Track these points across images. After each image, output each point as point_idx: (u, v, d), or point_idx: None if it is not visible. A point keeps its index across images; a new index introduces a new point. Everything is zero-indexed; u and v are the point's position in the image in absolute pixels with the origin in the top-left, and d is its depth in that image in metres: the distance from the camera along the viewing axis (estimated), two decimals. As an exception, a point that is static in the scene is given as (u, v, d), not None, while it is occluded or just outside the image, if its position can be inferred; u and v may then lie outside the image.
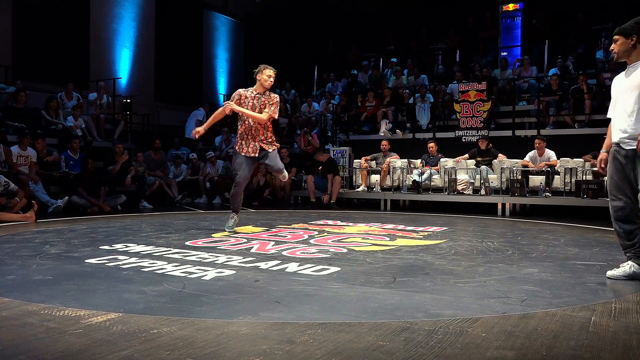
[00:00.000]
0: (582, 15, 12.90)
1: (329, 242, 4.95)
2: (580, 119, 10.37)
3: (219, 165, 10.85)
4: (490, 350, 2.02)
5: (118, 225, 6.36)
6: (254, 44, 17.45)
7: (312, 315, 2.48)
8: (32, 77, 11.32)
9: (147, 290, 2.95)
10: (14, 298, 2.76)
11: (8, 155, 7.82)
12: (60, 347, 2.04)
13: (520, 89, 11.76)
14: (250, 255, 4.12)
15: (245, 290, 2.98)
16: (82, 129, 10.28)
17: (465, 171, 9.47)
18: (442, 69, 13.30)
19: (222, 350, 2.00)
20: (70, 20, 12.55)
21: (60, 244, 4.70)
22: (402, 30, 15.25)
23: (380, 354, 1.98)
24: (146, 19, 14.38)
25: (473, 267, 3.77)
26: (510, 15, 14.37)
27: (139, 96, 13.17)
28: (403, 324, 2.34)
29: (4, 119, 9.15)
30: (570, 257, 4.20)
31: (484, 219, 7.56)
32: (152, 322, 2.35)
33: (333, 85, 14.10)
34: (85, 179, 8.41)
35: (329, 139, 12.39)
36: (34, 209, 6.72)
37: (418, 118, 11.68)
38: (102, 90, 11.37)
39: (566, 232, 6.09)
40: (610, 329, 2.31)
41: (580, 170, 8.69)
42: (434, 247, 4.71)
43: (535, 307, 2.65)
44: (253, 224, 6.48)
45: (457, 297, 2.87)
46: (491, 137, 10.29)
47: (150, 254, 4.13)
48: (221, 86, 16.87)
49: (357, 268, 3.67)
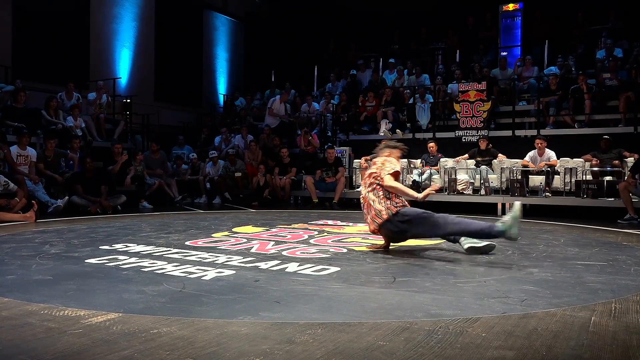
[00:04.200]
0: (581, 15, 12.90)
1: (329, 242, 4.95)
2: (580, 119, 10.37)
3: (220, 165, 10.85)
4: (490, 350, 2.02)
5: (118, 225, 6.36)
6: (254, 44, 17.45)
7: (312, 315, 2.48)
8: (32, 77, 11.32)
9: (147, 290, 2.95)
10: (14, 298, 2.76)
11: (8, 155, 7.83)
12: (60, 347, 2.04)
13: (521, 89, 11.75)
14: (250, 255, 4.12)
15: (245, 290, 2.98)
16: (82, 129, 10.28)
17: (465, 171, 9.47)
18: (442, 68, 13.30)
19: (222, 350, 2.00)
20: (70, 20, 12.55)
21: (60, 244, 4.70)
22: (402, 30, 15.26)
23: (380, 354, 1.98)
24: (146, 19, 14.38)
25: (473, 267, 3.77)
26: (510, 15, 14.37)
27: (139, 96, 13.16)
28: (403, 324, 2.34)
29: (3, 118, 9.16)
30: (570, 257, 4.20)
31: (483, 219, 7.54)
32: (152, 322, 2.35)
33: (333, 85, 14.10)
34: (85, 178, 8.41)
35: (329, 139, 12.39)
36: (34, 209, 6.72)
37: (418, 118, 11.68)
38: (101, 90, 11.37)
39: (566, 232, 6.09)
40: (610, 329, 2.31)
41: (580, 170, 8.69)
42: (434, 247, 4.71)
43: (535, 307, 2.65)
44: (253, 224, 6.48)
45: (457, 297, 2.87)
46: (491, 137, 10.29)
47: (150, 254, 4.13)
48: (221, 86, 16.87)
49: (357, 268, 3.67)
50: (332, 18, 16.32)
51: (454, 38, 14.29)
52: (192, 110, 15.46)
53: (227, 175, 10.57)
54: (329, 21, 16.31)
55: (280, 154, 10.85)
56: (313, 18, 16.50)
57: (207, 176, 10.77)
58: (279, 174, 10.49)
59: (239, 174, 10.54)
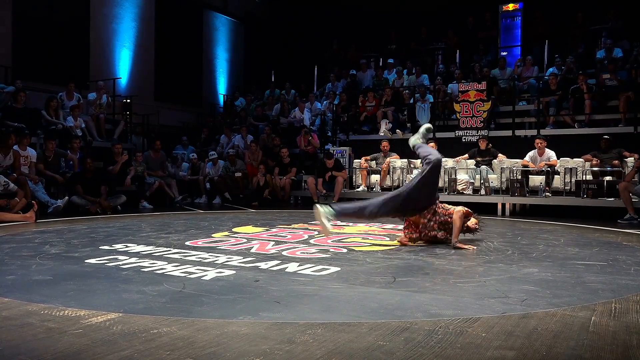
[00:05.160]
0: (581, 15, 12.90)
1: (329, 242, 4.95)
2: (580, 119, 10.37)
3: (220, 165, 10.86)
4: (490, 350, 2.02)
5: (118, 225, 6.36)
6: (254, 44, 17.45)
7: (312, 315, 2.48)
8: (32, 77, 11.32)
9: (147, 290, 2.95)
10: (14, 298, 2.76)
11: (17, 159, 7.82)
12: (60, 347, 2.04)
13: (521, 89, 11.76)
14: (250, 255, 4.12)
15: (245, 290, 2.98)
16: (82, 129, 10.28)
17: (465, 171, 9.47)
18: (442, 67, 13.31)
19: (222, 350, 2.00)
20: (70, 20, 12.55)
21: (60, 244, 4.70)
22: (402, 30, 15.26)
23: (380, 354, 1.98)
24: (146, 19, 14.38)
25: (473, 267, 3.77)
26: (510, 15, 14.38)
27: (139, 96, 13.16)
28: (403, 324, 2.34)
29: (3, 119, 9.16)
30: (570, 257, 4.20)
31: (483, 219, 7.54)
32: (152, 322, 2.35)
33: (333, 85, 14.10)
34: (85, 177, 8.42)
35: (329, 139, 12.39)
36: (34, 209, 6.73)
37: (418, 118, 11.67)
38: (101, 90, 11.37)
39: (566, 232, 6.09)
40: (610, 329, 2.31)
41: (580, 170, 8.69)
42: (434, 247, 4.71)
43: (535, 307, 2.65)
44: (253, 224, 6.48)
45: (457, 297, 2.87)
46: (491, 137, 10.29)
47: (150, 254, 4.13)
48: (221, 86, 16.87)
49: (357, 268, 3.67)
50: (332, 18, 16.32)
51: (453, 38, 14.29)
52: (192, 110, 15.47)
53: (227, 176, 10.57)
54: (329, 21, 16.31)
55: (280, 154, 10.85)
56: (313, 18, 16.50)
57: (207, 176, 10.77)
58: (279, 174, 10.50)
59: (239, 174, 10.54)
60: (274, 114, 13.41)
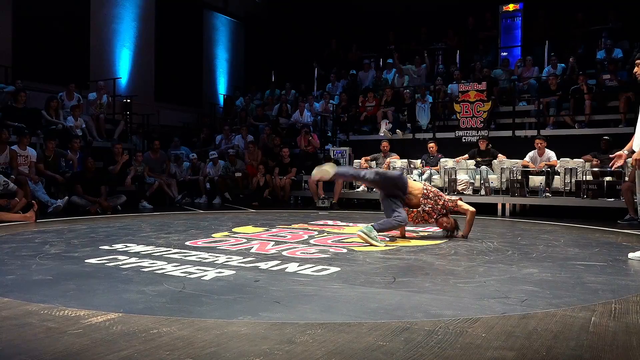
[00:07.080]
0: (582, 16, 12.89)
1: (329, 242, 4.95)
2: (580, 119, 10.37)
3: (220, 165, 10.85)
4: (490, 351, 2.02)
5: (118, 225, 6.36)
6: (254, 44, 17.45)
7: (312, 315, 2.48)
8: (33, 77, 11.31)
9: (147, 290, 2.95)
10: (14, 298, 2.76)
11: (14, 158, 7.83)
12: (60, 347, 2.04)
13: (521, 90, 11.75)
14: (250, 255, 4.12)
15: (245, 290, 2.98)
16: (82, 129, 10.28)
17: (465, 171, 9.47)
18: (442, 68, 13.30)
19: (222, 350, 2.00)
20: (71, 20, 12.54)
21: (60, 244, 4.70)
22: (402, 30, 15.25)
23: (380, 354, 1.98)
24: (146, 19, 14.37)
25: (473, 267, 3.77)
26: (511, 16, 14.37)
27: (139, 96, 13.16)
28: (403, 324, 2.34)
29: (3, 118, 9.16)
30: (570, 257, 4.20)
31: (484, 219, 7.54)
32: (152, 322, 2.35)
33: (333, 86, 14.10)
34: (86, 177, 8.42)
35: (329, 139, 12.38)
36: (34, 209, 6.72)
37: (418, 118, 11.67)
38: (101, 90, 11.37)
39: (566, 232, 6.09)
40: (610, 329, 2.31)
41: (580, 170, 8.69)
42: (434, 247, 4.71)
43: (535, 307, 2.65)
44: (253, 224, 6.48)
45: (457, 297, 2.87)
46: (491, 138, 10.29)
47: (150, 254, 4.13)
48: (221, 86, 16.87)
49: (357, 268, 3.67)
50: (332, 18, 16.31)
51: (454, 38, 14.28)
52: (192, 110, 15.46)
53: (227, 176, 10.57)
54: (329, 21, 16.30)
55: (280, 154, 10.84)
56: (313, 18, 16.49)
57: (207, 176, 10.77)
58: (279, 174, 10.49)
59: (239, 174, 10.54)
60: (274, 114, 13.41)
